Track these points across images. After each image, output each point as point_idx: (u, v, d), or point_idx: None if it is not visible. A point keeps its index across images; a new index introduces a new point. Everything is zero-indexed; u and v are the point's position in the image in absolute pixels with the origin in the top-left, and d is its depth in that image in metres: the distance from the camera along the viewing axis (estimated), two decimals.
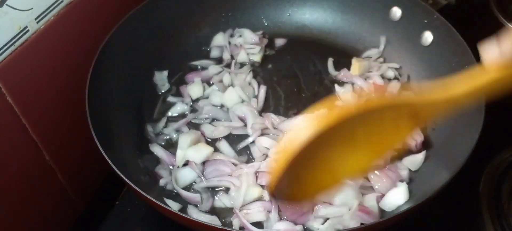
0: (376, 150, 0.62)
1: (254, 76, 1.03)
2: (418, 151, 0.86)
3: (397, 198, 0.79)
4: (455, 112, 0.59)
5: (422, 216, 0.83)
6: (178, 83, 1.02)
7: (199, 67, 1.05)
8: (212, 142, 0.90)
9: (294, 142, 0.54)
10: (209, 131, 0.91)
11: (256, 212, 0.77)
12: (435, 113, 0.61)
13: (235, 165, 0.84)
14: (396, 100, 0.59)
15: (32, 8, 0.73)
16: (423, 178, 0.83)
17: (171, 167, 0.86)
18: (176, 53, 1.04)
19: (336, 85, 1.00)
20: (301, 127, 0.54)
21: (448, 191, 0.70)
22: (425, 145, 0.88)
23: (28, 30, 0.73)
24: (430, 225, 0.85)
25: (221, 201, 0.81)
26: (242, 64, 1.06)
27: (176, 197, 0.82)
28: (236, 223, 0.77)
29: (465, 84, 0.60)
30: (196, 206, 0.80)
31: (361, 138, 0.58)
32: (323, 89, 1.02)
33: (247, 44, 1.07)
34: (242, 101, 0.96)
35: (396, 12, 1.02)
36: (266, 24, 1.12)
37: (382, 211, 0.80)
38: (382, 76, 1.01)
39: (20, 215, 0.79)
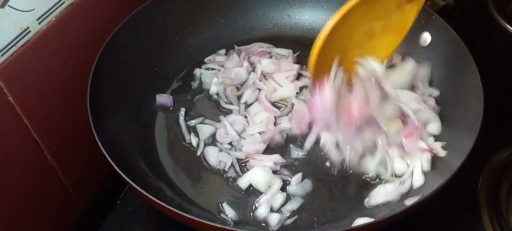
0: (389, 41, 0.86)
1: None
2: (435, 111, 0.90)
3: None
4: None
5: (421, 215, 0.84)
6: (178, 85, 1.02)
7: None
8: None
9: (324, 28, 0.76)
10: None
11: None
12: None
13: None
14: None
15: (34, 9, 0.73)
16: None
17: None
18: (177, 54, 1.04)
19: None
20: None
21: (447, 190, 0.71)
22: None
23: (29, 31, 0.73)
24: (429, 224, 0.86)
25: None
26: None
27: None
28: None
29: None
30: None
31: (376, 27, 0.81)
32: None
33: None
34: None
35: None
36: (265, 25, 1.13)
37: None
38: None
39: (22, 215, 0.79)
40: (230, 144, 0.91)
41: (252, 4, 1.11)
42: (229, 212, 0.80)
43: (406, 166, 0.84)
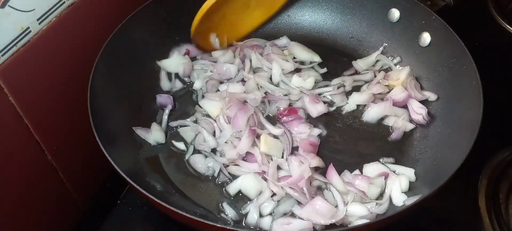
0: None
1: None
2: (427, 123, 0.91)
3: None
4: None
5: (421, 215, 0.84)
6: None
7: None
8: None
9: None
10: None
11: None
12: None
13: None
14: None
15: (34, 9, 0.73)
16: (422, 178, 0.84)
17: None
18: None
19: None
20: None
21: (447, 190, 0.71)
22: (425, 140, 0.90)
23: (30, 31, 0.73)
24: (429, 225, 0.86)
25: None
26: None
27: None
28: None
29: None
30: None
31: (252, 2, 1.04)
32: None
33: None
34: None
35: (395, 13, 1.03)
36: (265, 25, 1.13)
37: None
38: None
39: (22, 215, 0.79)
40: (212, 150, 0.88)
41: None
42: (230, 212, 0.80)
43: (378, 190, 0.82)
